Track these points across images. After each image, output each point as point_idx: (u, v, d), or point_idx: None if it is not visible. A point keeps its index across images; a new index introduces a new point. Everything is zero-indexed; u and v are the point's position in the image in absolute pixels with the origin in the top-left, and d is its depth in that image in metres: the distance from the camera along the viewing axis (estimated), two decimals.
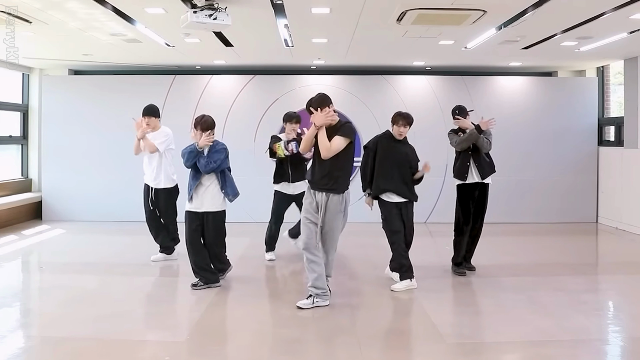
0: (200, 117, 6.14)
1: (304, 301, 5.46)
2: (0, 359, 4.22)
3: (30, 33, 7.65)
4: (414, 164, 6.28)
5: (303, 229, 5.51)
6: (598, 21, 6.95)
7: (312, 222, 5.43)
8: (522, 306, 5.58)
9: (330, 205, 5.39)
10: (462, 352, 4.43)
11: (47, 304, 5.86)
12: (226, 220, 6.27)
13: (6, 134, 10.67)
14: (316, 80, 11.05)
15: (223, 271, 6.32)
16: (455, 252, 6.81)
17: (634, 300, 5.91)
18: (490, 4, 6.27)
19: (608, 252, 8.90)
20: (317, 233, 5.42)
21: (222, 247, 6.31)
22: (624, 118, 10.23)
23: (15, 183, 10.72)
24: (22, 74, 11.11)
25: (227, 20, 6.04)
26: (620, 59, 10.21)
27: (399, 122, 6.21)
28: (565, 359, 4.36)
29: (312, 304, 5.43)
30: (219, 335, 4.92)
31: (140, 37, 8.03)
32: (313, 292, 5.45)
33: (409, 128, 6.25)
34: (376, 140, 6.36)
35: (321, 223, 5.40)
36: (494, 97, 11.00)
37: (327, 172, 5.36)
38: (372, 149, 6.31)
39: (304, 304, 5.43)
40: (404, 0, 6.19)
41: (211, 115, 6.23)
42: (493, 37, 7.99)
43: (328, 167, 5.35)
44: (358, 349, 4.46)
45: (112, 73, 11.24)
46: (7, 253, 8.23)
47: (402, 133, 6.21)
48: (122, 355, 4.41)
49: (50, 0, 6.19)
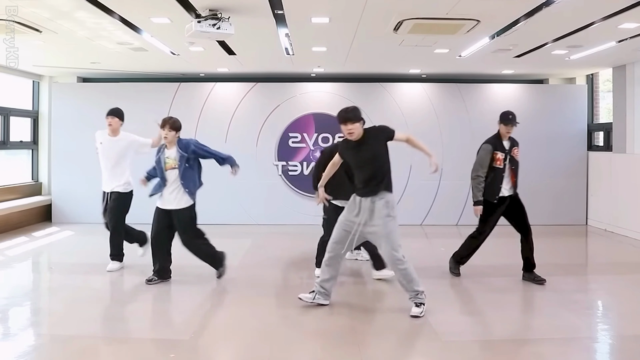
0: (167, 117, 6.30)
1: (307, 295, 5.47)
2: (12, 356, 4.22)
3: (40, 42, 7.66)
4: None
5: (336, 232, 5.34)
6: (587, 30, 6.96)
7: (346, 231, 5.28)
8: (514, 306, 5.59)
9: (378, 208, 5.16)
10: (456, 350, 4.42)
11: (56, 303, 5.85)
12: (227, 222, 6.27)
13: (17, 140, 10.68)
14: (316, 88, 11.07)
15: (219, 263, 6.49)
16: (461, 248, 6.66)
17: (623, 300, 5.91)
18: (484, 14, 6.28)
19: (597, 253, 8.89)
20: (350, 240, 5.29)
21: (199, 239, 6.41)
22: (612, 124, 10.24)
23: (26, 187, 10.72)
24: (33, 81, 11.12)
25: (230, 30, 6.05)
26: (609, 67, 10.22)
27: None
28: (556, 356, 4.36)
29: (313, 299, 5.44)
30: (222, 334, 4.92)
31: (146, 45, 8.04)
32: (317, 289, 5.45)
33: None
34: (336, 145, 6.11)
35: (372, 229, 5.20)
36: (487, 104, 11.00)
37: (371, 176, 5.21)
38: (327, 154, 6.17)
39: (306, 297, 5.45)
40: (401, 11, 6.20)
41: (215, 121, 6.30)
42: (486, 46, 8.00)
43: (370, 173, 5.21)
44: (356, 347, 4.45)
45: (119, 80, 11.26)
46: (18, 254, 8.22)
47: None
48: (128, 353, 4.41)
49: (60, 10, 6.20)
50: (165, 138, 6.18)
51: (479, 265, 7.15)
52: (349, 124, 5.12)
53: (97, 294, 5.98)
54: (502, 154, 6.22)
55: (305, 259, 7.55)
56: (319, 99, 11.00)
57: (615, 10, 6.03)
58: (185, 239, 6.26)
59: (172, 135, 6.15)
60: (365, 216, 5.16)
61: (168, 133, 6.12)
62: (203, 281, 6.53)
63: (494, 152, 6.21)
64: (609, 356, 4.49)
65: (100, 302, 5.61)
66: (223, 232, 9.86)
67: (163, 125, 6.14)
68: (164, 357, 4.31)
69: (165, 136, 6.15)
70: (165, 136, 6.15)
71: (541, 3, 5.81)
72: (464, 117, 10.95)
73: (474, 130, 10.91)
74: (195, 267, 6.54)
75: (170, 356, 4.28)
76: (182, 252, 6.43)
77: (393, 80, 11.17)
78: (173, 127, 6.15)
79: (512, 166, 6.25)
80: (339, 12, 6.34)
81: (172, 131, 6.14)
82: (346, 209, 5.36)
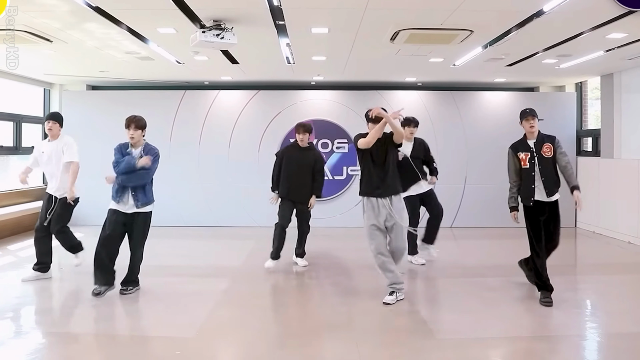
0: (133, 115, 5.81)
1: (389, 297, 5.56)
2: (23, 353, 4.24)
3: (51, 51, 7.69)
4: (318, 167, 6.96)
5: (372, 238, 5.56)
6: (577, 40, 6.99)
7: (378, 229, 5.54)
8: (506, 304, 5.59)
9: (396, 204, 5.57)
10: (450, 347, 4.43)
11: (65, 303, 5.87)
12: (231, 225, 6.25)
13: (29, 145, 10.68)
14: (316, 95, 11.09)
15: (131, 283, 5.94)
16: (536, 276, 5.71)
17: (610, 299, 5.92)
18: (477, 25, 6.31)
19: (586, 254, 8.89)
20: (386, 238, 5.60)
21: None
22: (600, 130, 10.26)
23: (37, 190, 10.71)
24: (44, 89, 11.15)
25: (233, 40, 6.08)
26: (597, 75, 10.25)
27: (299, 131, 6.88)
28: (546, 353, 4.37)
29: (396, 298, 5.58)
30: (224, 332, 4.92)
31: (152, 55, 8.06)
32: (395, 288, 5.58)
33: (307, 135, 6.89)
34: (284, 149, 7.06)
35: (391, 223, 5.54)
36: (480, 111, 11.04)
37: (386, 176, 5.54)
38: (279, 157, 7.04)
39: (389, 300, 5.54)
40: (397, 21, 6.23)
41: (219, 127, 6.24)
42: (479, 55, 8.02)
43: (384, 172, 5.53)
44: (354, 345, 4.46)
45: (126, 88, 11.28)
46: (28, 255, 8.21)
47: (302, 140, 6.80)
48: (135, 350, 4.42)
49: (70, 21, 6.22)
50: (132, 138, 5.73)
51: (472, 266, 7.16)
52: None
53: (104, 294, 5.97)
54: (526, 153, 5.73)
55: (305, 259, 7.57)
56: (319, 106, 11.02)
57: (603, 21, 6.06)
58: None
59: (139, 134, 5.73)
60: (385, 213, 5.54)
61: (134, 133, 5.70)
62: (207, 281, 6.54)
63: (516, 153, 5.79)
64: (597, 353, 4.49)
65: (107, 302, 5.61)
66: (228, 234, 9.89)
67: (128, 125, 5.70)
68: (169, 354, 4.32)
69: (132, 136, 5.71)
70: (132, 136, 5.71)
71: (532, 14, 5.85)
72: (458, 124, 10.97)
73: (468, 136, 10.97)
74: (198, 267, 6.55)
75: (176, 353, 4.29)
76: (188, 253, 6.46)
77: (390, 88, 11.20)
78: (138, 126, 5.71)
79: (541, 165, 5.70)
80: (338, 23, 6.37)
81: (137, 130, 5.70)
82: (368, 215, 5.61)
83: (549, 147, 5.76)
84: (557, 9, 5.58)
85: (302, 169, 6.90)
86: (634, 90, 9.41)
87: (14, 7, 5.41)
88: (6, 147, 10.02)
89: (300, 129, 6.96)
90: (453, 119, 11.02)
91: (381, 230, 5.54)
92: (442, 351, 4.35)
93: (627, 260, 8.02)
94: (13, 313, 5.30)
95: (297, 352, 4.40)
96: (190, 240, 9.52)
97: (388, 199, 5.52)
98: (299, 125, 7.01)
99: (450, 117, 11.02)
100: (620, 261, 7.99)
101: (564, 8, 5.55)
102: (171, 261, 7.47)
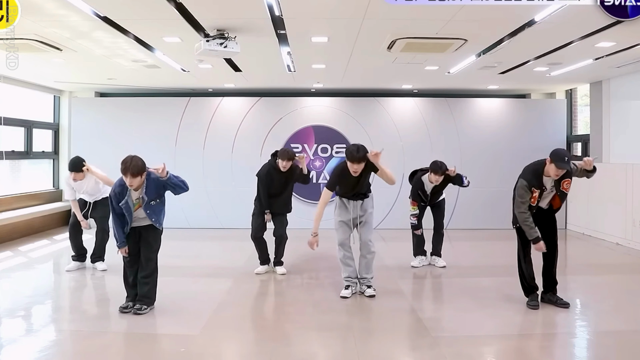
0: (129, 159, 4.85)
1: (345, 291, 5.77)
2: (35, 350, 4.24)
3: (61, 59, 7.70)
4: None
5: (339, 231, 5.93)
6: (567, 49, 7.00)
7: (346, 225, 5.88)
8: (499, 303, 5.58)
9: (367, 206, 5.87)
10: (445, 345, 4.42)
11: (75, 301, 5.87)
12: (234, 227, 6.24)
13: (40, 150, 10.71)
14: (315, 102, 11.11)
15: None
16: (520, 279, 5.60)
17: (599, 298, 5.91)
18: (471, 34, 6.32)
19: (576, 255, 8.88)
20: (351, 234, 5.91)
21: None
22: (589, 135, 10.28)
23: (47, 193, 10.73)
24: (54, 96, 11.16)
25: (236, 48, 6.09)
26: (586, 82, 10.26)
27: (283, 158, 6.65)
28: (537, 350, 4.37)
29: (352, 292, 5.80)
30: (228, 329, 4.91)
31: (159, 63, 8.07)
32: (350, 282, 5.84)
33: (291, 163, 6.70)
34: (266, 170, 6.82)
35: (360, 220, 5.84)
36: (474, 117, 11.07)
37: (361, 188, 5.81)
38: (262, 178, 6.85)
39: (347, 294, 5.74)
40: (394, 31, 6.24)
41: (222, 133, 6.19)
42: (473, 63, 8.04)
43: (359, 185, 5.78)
44: (352, 343, 4.46)
45: (133, 95, 11.28)
46: (40, 256, 8.23)
47: (285, 167, 6.67)
48: (142, 347, 4.42)
49: (79, 30, 6.23)
50: (131, 186, 4.92)
51: (466, 267, 7.15)
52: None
53: (113, 293, 5.97)
54: (538, 190, 5.24)
55: (306, 260, 7.59)
56: (319, 113, 11.04)
57: (592, 30, 6.08)
58: None
59: (138, 181, 4.88)
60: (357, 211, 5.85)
61: (132, 181, 4.84)
62: (211, 281, 6.54)
63: (531, 189, 5.23)
64: (586, 350, 4.49)
65: (115, 300, 5.61)
66: (231, 235, 9.87)
67: (124, 174, 4.84)
68: (175, 350, 4.32)
69: (131, 184, 4.89)
70: (131, 184, 4.89)
71: (524, 23, 5.86)
72: (452, 129, 10.99)
73: (462, 141, 10.99)
74: (202, 268, 6.55)
75: (181, 350, 4.29)
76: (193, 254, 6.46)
77: (387, 95, 11.21)
78: (134, 174, 4.81)
79: (550, 195, 5.34)
80: (337, 32, 6.38)
81: (135, 178, 4.83)
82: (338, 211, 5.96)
83: (568, 182, 5.25)
84: (548, 18, 5.59)
85: (285, 186, 6.87)
86: (621, 97, 9.43)
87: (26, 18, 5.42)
88: (18, 152, 10.03)
89: (284, 156, 6.67)
90: (448, 124, 11.03)
91: (348, 226, 5.87)
92: (436, 348, 4.35)
93: (615, 261, 8.02)
94: (25, 312, 5.30)
95: (298, 349, 4.41)
96: (195, 241, 9.51)
97: (360, 201, 5.86)
98: (284, 153, 6.71)
99: (445, 123, 11.04)
100: (609, 262, 7.99)
101: (555, 18, 5.56)
102: (177, 262, 7.46)
